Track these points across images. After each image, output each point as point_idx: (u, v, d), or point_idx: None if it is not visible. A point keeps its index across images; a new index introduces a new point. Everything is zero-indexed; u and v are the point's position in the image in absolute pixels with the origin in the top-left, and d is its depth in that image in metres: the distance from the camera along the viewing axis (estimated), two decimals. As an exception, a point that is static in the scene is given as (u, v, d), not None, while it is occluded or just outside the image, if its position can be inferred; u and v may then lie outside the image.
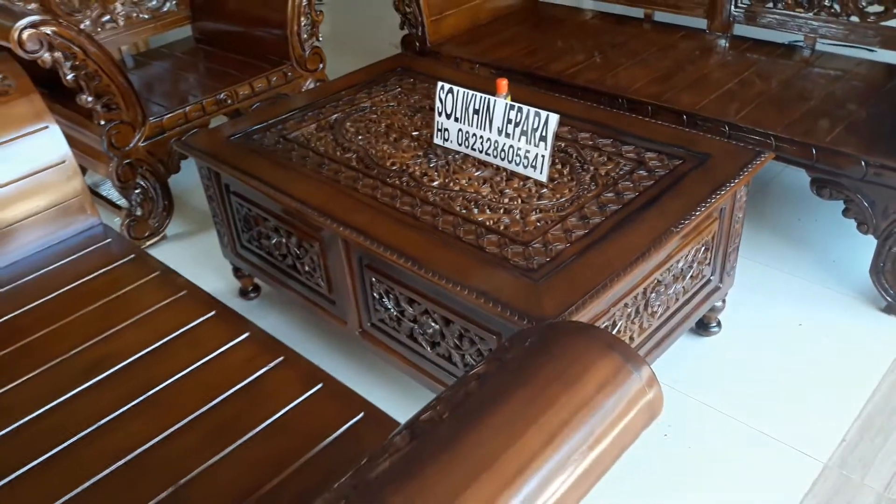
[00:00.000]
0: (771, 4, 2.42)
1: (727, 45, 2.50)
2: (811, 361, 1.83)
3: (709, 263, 1.69)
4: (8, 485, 1.13)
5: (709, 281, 1.73)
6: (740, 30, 2.54)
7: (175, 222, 2.51)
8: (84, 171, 2.48)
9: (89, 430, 1.22)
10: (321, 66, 2.74)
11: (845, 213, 1.91)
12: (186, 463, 1.15)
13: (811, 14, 2.34)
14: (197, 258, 2.34)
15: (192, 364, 1.33)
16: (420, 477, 0.65)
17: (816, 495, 1.51)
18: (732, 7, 2.50)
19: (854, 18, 2.26)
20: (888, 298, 1.93)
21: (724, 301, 1.86)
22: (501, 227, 1.48)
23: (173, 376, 1.31)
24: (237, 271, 2.12)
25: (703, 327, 1.91)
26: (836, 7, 2.29)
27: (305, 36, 2.64)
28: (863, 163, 1.81)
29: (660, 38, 2.60)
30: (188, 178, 2.58)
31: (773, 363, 1.83)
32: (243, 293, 2.17)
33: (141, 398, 1.27)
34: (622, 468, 1.57)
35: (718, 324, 1.91)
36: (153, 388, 1.29)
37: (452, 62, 2.59)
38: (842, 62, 2.30)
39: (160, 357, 1.36)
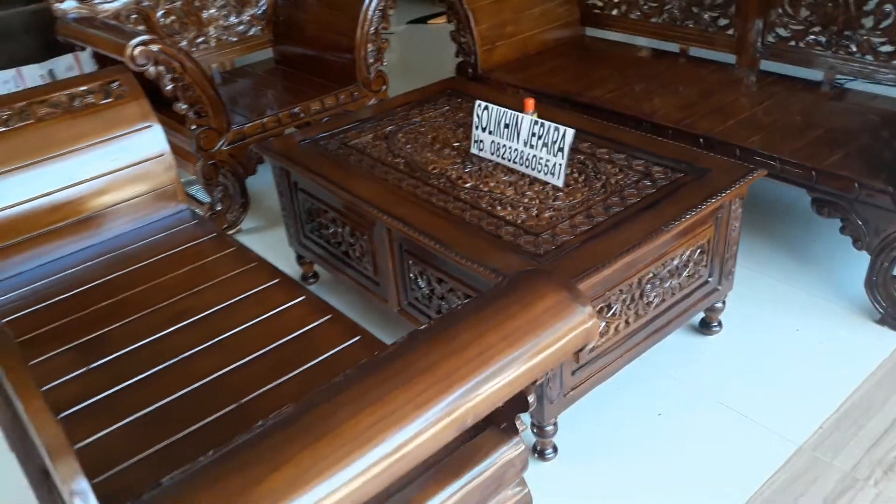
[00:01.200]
0: (793, 43, 2.63)
1: (753, 78, 2.72)
2: (803, 362, 2.02)
3: (705, 265, 1.91)
4: (115, 393, 1.45)
5: (707, 282, 1.95)
6: (767, 65, 2.75)
7: (249, 218, 2.86)
8: (175, 170, 2.87)
9: (174, 360, 1.53)
10: (384, 87, 3.07)
11: (842, 230, 2.11)
12: (248, 388, 1.44)
13: (829, 52, 2.55)
14: (265, 248, 2.64)
15: (257, 317, 1.64)
16: (412, 356, 0.92)
17: (787, 471, 1.71)
18: (759, 44, 2.72)
19: (868, 57, 2.45)
20: (880, 311, 2.10)
21: (724, 303, 2.07)
22: (518, 221, 1.76)
23: (241, 325, 1.61)
24: (300, 259, 2.45)
25: (706, 326, 2.12)
26: (853, 47, 2.49)
27: (371, 60, 2.98)
28: (856, 185, 2.01)
29: (692, 71, 2.84)
30: (263, 181, 2.95)
31: (768, 361, 2.03)
32: (304, 279, 2.48)
33: (215, 340, 1.58)
34: (616, 439, 1.80)
35: (720, 324, 2.12)
36: (225, 333, 1.60)
37: (500, 87, 2.88)
38: (857, 97, 2.49)
39: (231, 311, 1.67)
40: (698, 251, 1.86)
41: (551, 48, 3.18)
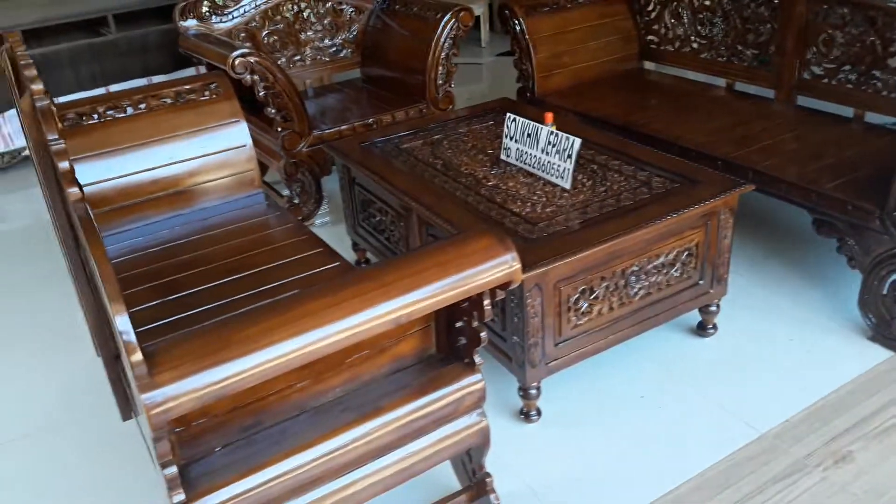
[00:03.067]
0: (826, 80, 2.80)
1: (788, 112, 2.90)
2: (788, 367, 2.19)
3: (695, 267, 2.13)
4: (176, 320, 1.84)
5: (697, 283, 2.17)
6: (803, 101, 2.93)
7: (322, 213, 3.27)
8: (265, 169, 3.33)
9: (225, 301, 1.91)
10: (451, 106, 3.42)
11: (838, 250, 2.27)
12: (279, 323, 1.80)
13: (859, 90, 2.70)
14: (331, 238, 3.02)
15: (295, 276, 2.00)
16: (369, 273, 1.25)
17: (744, 452, 1.90)
18: (795, 80, 2.90)
19: (893, 96, 2.60)
20: (871, 328, 2.24)
21: (718, 306, 2.28)
22: (523, 213, 2.05)
23: (282, 280, 1.98)
24: (355, 246, 2.82)
25: (702, 328, 2.33)
26: (879, 84, 2.64)
27: (441, 82, 3.35)
28: (849, 207, 2.18)
29: (733, 103, 3.04)
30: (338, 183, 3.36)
31: (754, 363, 2.21)
32: (357, 264, 2.86)
33: (259, 289, 1.95)
34: (598, 411, 2.04)
35: (715, 327, 2.32)
36: (268, 285, 1.97)
37: (552, 110, 3.16)
38: (878, 132, 2.63)
39: (277, 269, 2.04)
40: (686, 253, 2.09)
41: (607, 78, 3.44)
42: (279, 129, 3.01)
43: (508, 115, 2.37)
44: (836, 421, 1.98)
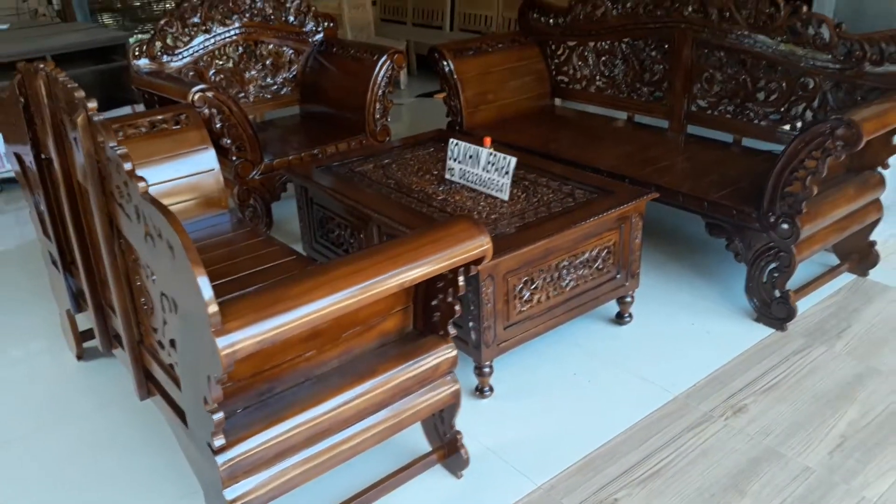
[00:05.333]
0: (710, 111, 3.34)
1: (680, 139, 3.41)
2: (692, 345, 2.62)
3: (613, 263, 2.55)
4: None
5: (615, 277, 2.58)
6: (692, 129, 3.46)
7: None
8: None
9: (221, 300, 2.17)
10: (388, 138, 3.78)
11: (727, 247, 2.75)
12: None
13: (736, 119, 3.24)
14: (284, 257, 3.33)
15: (281, 276, 2.28)
16: (374, 249, 1.57)
17: (662, 410, 2.30)
18: (684, 112, 3.43)
19: (762, 123, 3.15)
20: (756, 310, 2.72)
21: (632, 297, 2.70)
22: (471, 220, 2.41)
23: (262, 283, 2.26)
24: (312, 262, 3.10)
25: (620, 317, 2.74)
26: (752, 115, 3.19)
27: (378, 116, 3.71)
28: (734, 211, 2.66)
29: (633, 133, 3.54)
30: (283, 212, 3.64)
31: (665, 344, 2.63)
32: (312, 278, 3.13)
33: (242, 292, 2.22)
34: (540, 388, 2.38)
35: (630, 316, 2.74)
36: (251, 287, 2.23)
37: (479, 140, 3.57)
38: (753, 153, 3.17)
39: (257, 275, 2.32)
40: (605, 251, 2.50)
41: (525, 114, 3.90)
42: (233, 159, 3.27)
43: (451, 140, 2.74)
44: (733, 383, 2.41)
